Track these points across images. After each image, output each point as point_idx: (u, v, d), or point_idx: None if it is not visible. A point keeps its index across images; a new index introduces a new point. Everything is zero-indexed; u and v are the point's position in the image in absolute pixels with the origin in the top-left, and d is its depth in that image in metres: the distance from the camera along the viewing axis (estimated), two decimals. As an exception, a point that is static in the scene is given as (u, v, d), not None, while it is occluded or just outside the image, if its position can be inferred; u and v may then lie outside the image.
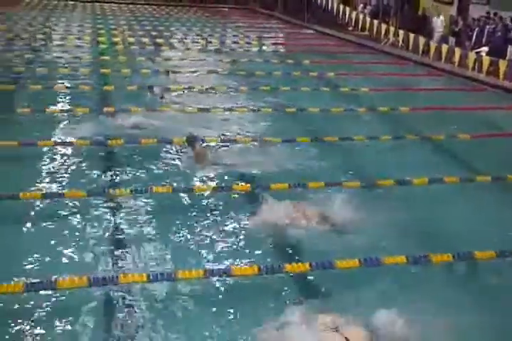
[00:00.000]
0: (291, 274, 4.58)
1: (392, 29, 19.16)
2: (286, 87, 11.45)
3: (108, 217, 5.52)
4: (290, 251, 5.05)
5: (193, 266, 4.60)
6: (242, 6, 30.92)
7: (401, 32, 18.55)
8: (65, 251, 4.83)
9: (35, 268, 4.58)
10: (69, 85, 10.74)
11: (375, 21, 20.56)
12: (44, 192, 5.88)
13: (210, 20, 24.40)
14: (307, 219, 5.44)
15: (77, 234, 5.16)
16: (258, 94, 11.02)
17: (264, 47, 17.63)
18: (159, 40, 17.14)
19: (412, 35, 17.81)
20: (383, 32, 19.53)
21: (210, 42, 17.76)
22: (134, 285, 4.29)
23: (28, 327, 3.86)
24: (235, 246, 5.10)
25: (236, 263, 4.76)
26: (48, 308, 4.06)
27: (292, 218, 5.42)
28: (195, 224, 5.45)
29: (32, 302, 4.09)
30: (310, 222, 5.41)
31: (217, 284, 4.44)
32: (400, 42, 18.41)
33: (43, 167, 6.74)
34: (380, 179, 6.61)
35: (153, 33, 18.75)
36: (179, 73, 12.61)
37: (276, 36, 20.80)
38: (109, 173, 6.64)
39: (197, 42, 17.63)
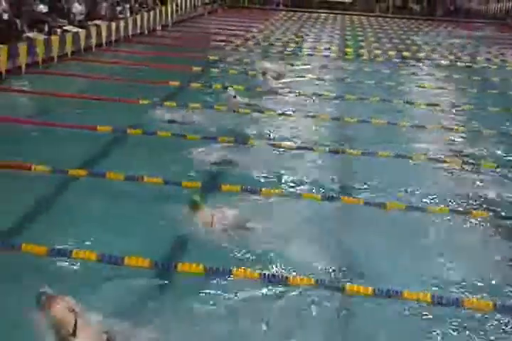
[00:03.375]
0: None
1: None
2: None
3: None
4: None
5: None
6: (499, 21, 28.84)
7: None
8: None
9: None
10: (316, 91, 11.24)
11: None
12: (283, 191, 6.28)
13: (460, 35, 23.24)
14: None
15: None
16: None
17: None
18: (405, 54, 16.87)
19: None
20: None
21: (460, 57, 16.92)
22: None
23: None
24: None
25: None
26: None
27: None
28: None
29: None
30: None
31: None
32: None
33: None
34: None
35: (400, 46, 18.54)
36: (421, 87, 12.31)
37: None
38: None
39: (445, 56, 16.94)
